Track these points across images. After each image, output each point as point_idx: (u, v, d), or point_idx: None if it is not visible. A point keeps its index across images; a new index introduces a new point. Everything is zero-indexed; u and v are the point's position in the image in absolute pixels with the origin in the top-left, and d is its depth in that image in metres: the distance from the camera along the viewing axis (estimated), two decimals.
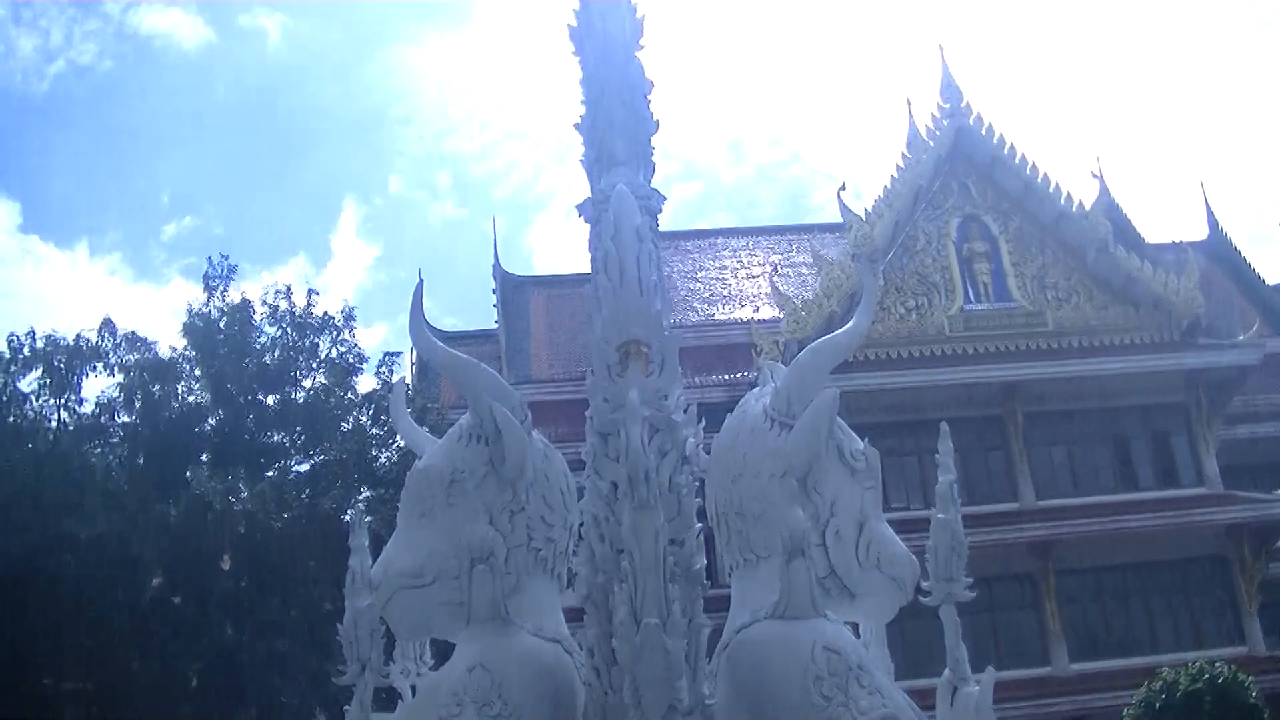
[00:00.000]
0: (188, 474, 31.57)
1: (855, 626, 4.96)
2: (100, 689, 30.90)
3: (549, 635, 4.44)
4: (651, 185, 4.43)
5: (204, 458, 32.46)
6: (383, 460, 33.56)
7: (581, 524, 4.51)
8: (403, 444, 33.15)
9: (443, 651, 5.10)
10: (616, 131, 4.46)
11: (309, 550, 30.40)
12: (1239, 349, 37.56)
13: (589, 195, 4.42)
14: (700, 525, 4.12)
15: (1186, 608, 36.09)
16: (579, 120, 4.63)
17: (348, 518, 20.81)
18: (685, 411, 4.14)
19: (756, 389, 4.97)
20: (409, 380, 37.41)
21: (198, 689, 29.94)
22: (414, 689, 4.91)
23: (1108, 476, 37.52)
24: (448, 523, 4.57)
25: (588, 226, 4.35)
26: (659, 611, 3.63)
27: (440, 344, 4.82)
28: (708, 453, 4.86)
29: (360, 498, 33.14)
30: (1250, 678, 16.04)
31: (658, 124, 4.54)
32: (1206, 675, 15.52)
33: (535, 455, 4.65)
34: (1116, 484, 37.27)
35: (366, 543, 4.64)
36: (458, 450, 4.69)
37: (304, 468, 33.56)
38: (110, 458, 32.48)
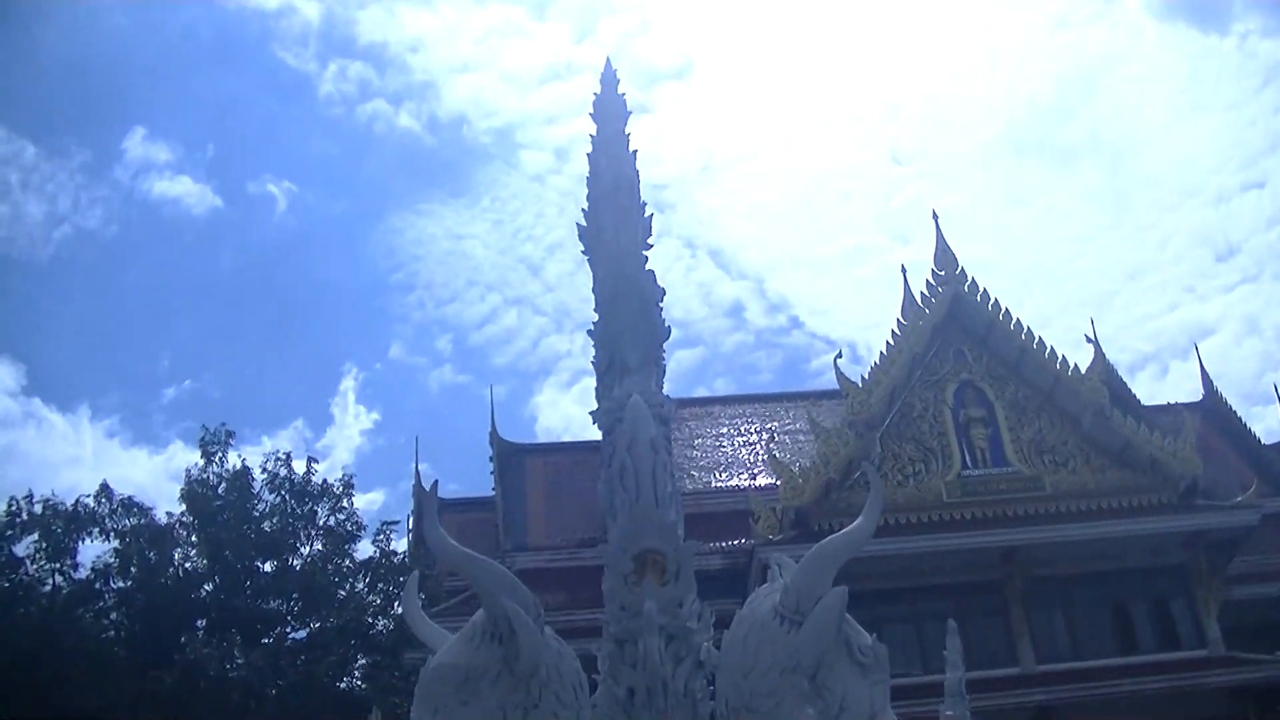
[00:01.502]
0: (182, 640, 31.50)
1: None
2: None
3: None
4: (663, 391, 4.58)
5: (200, 624, 32.41)
6: (380, 628, 33.50)
7: None
8: (399, 610, 33.16)
9: None
10: (629, 341, 4.60)
11: (305, 718, 30.30)
12: (1238, 510, 37.64)
13: (602, 403, 4.55)
14: None
15: None
16: (591, 326, 4.78)
17: (344, 685, 20.53)
18: (700, 618, 4.23)
19: (766, 585, 5.04)
20: (406, 548, 37.44)
21: None
22: None
23: (1108, 640, 37.39)
24: None
25: (602, 433, 4.51)
26: None
27: (454, 544, 4.90)
28: (718, 647, 4.94)
29: (357, 665, 33.05)
30: None
31: (669, 331, 4.69)
32: None
33: (549, 652, 4.71)
34: (1117, 647, 37.15)
35: None
36: (471, 649, 4.76)
37: (300, 635, 33.50)
38: (105, 623, 32.44)
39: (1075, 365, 39.42)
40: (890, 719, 4.87)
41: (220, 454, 33.77)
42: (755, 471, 45.37)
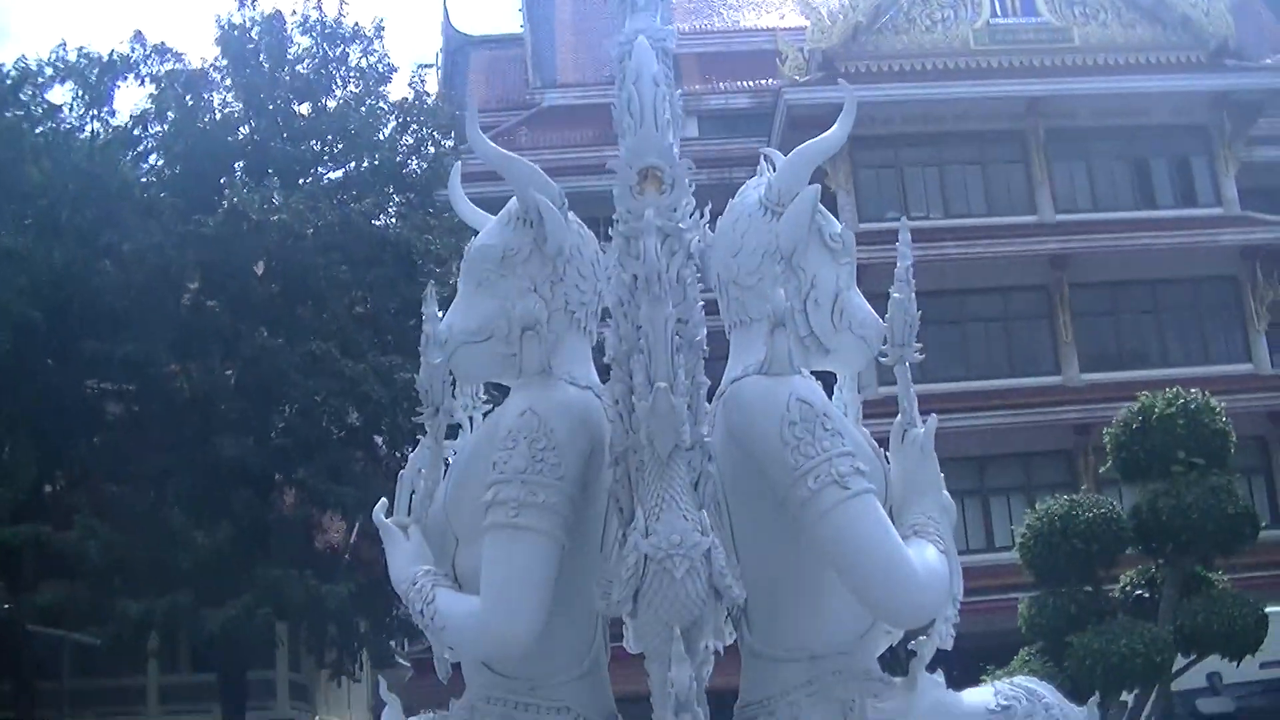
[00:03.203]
0: (222, 181, 32.73)
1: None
2: (142, 390, 32.63)
3: (583, 384, 5.54)
4: (669, 25, 5.45)
5: (238, 166, 33.58)
6: (413, 167, 34.68)
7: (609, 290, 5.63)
8: (433, 152, 34.26)
9: (491, 391, 6.35)
10: None
11: (341, 256, 31.70)
12: (1266, 72, 38.04)
13: (615, 38, 5.44)
14: (702, 304, 5.25)
15: (1197, 325, 37.40)
16: None
17: (379, 224, 21.71)
18: (691, 219, 5.22)
19: (754, 179, 5.99)
20: (437, 92, 38.19)
21: (236, 390, 31.59)
22: (471, 420, 6.15)
23: (1126, 194, 38.36)
24: (500, 291, 5.65)
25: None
26: (667, 376, 4.80)
27: (493, 146, 5.81)
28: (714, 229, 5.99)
29: (391, 205, 34.35)
30: (1221, 403, 17.37)
31: None
32: (1180, 400, 16.90)
33: (571, 235, 5.71)
34: (1135, 202, 38.16)
35: (437, 310, 5.79)
36: (508, 232, 5.75)
37: (336, 175, 34.72)
38: (145, 167, 33.69)
39: None
40: (854, 295, 5.92)
41: None
42: (784, 12, 45.45)
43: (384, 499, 5.98)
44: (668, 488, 4.91)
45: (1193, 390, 17.38)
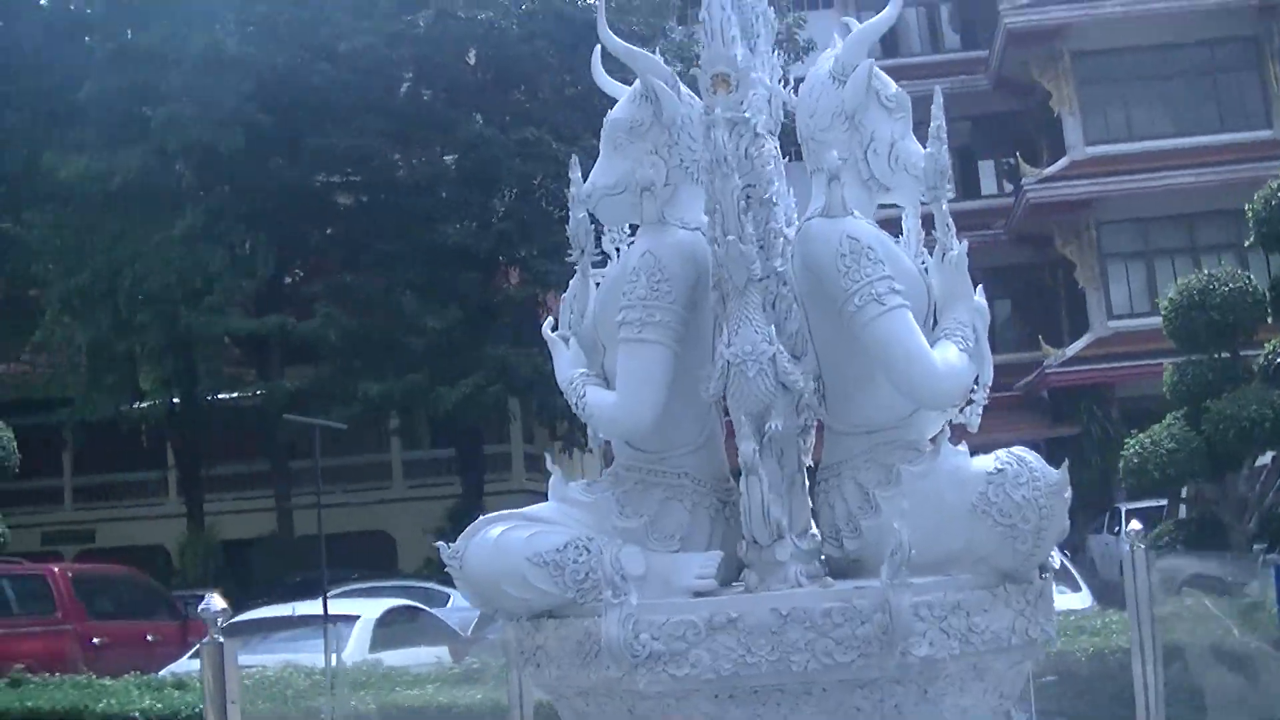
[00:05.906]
0: None
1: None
2: (367, 181, 35.17)
3: (692, 226, 7.19)
4: None
5: None
6: None
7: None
8: None
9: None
10: None
11: (547, 42, 33.43)
12: None
13: None
14: (775, 172, 7.10)
15: None
16: None
17: (581, 4, 23.31)
18: (756, 107, 6.98)
19: (829, 49, 7.84)
20: None
21: (456, 177, 33.95)
22: (618, 251, 8.07)
23: None
24: (630, 154, 7.37)
25: None
26: (735, 230, 6.65)
27: (619, 40, 7.62)
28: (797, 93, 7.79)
29: None
30: None
31: None
32: None
33: (683, 106, 7.48)
34: None
35: (580, 177, 7.69)
36: (634, 107, 7.49)
37: None
38: None
39: None
40: (908, 143, 7.70)
41: None
42: None
43: (550, 318, 8.01)
44: (744, 309, 6.92)
45: None
